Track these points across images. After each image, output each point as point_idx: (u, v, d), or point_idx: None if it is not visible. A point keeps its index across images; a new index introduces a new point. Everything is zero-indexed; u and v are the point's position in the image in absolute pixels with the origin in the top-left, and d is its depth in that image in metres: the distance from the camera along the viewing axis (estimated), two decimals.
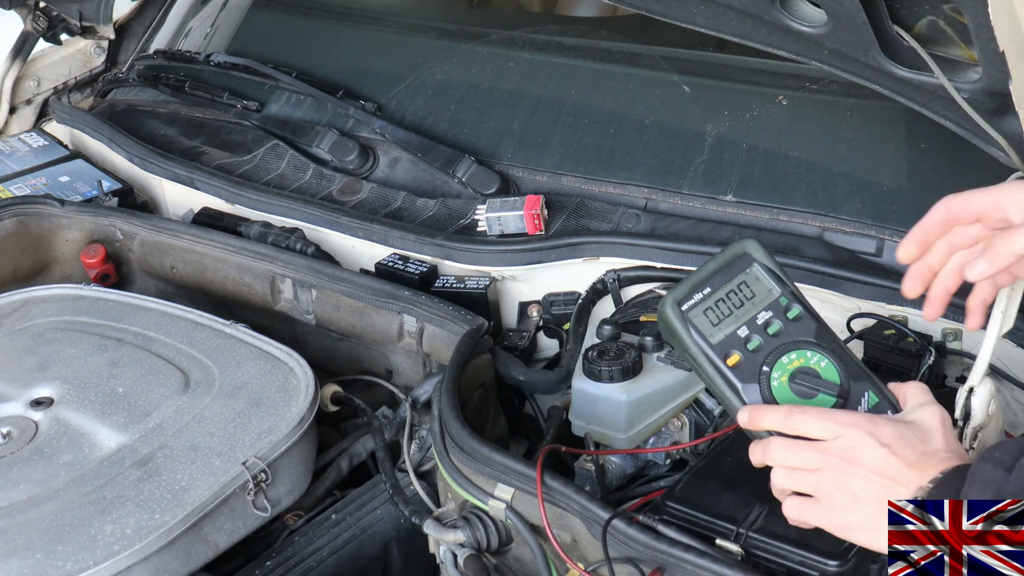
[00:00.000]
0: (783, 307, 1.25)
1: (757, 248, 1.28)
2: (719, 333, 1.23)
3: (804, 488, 1.14)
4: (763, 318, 1.24)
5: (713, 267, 1.26)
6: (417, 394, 1.71)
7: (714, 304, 1.24)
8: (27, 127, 2.58)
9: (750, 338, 1.23)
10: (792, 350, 1.23)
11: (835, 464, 1.11)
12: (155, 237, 2.07)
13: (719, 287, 1.25)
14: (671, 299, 1.24)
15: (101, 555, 1.34)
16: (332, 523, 1.57)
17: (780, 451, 1.15)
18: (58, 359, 1.70)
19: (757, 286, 1.26)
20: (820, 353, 1.23)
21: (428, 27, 2.44)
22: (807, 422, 1.15)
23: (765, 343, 1.23)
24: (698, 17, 1.46)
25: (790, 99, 1.91)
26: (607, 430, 1.48)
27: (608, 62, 2.15)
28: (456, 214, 1.96)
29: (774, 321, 1.24)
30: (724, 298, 1.24)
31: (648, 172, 1.91)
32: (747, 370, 1.22)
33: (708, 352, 1.22)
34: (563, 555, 1.32)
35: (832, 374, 1.22)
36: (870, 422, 1.13)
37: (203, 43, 2.60)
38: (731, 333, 1.23)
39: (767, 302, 1.25)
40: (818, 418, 1.15)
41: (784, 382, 1.22)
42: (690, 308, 1.24)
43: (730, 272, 1.26)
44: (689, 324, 1.23)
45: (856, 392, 1.21)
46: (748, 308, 1.25)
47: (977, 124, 1.33)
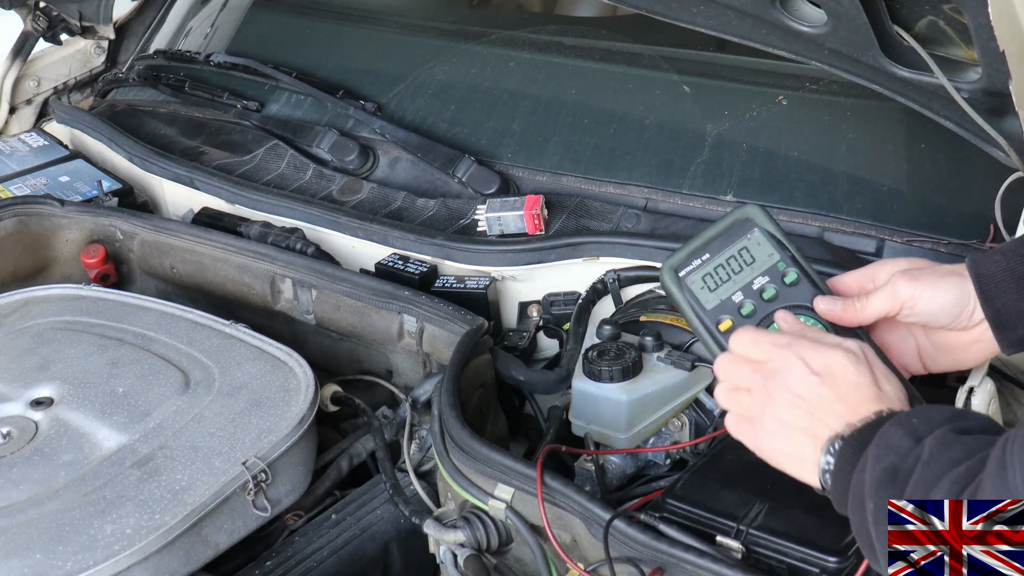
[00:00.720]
0: (780, 272, 1.24)
1: (759, 213, 1.27)
2: (715, 299, 1.23)
3: (738, 408, 1.12)
4: (759, 283, 1.24)
5: (713, 233, 1.26)
6: (417, 394, 1.71)
7: (712, 270, 1.24)
8: (27, 127, 2.58)
9: (743, 303, 1.23)
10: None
11: (764, 386, 1.09)
12: (155, 237, 2.07)
13: (718, 252, 1.25)
14: (668, 265, 1.24)
15: (101, 555, 1.34)
16: (332, 523, 1.57)
17: (721, 366, 1.15)
18: (58, 359, 1.70)
19: (757, 251, 1.25)
20: (814, 318, 1.22)
21: (428, 27, 2.44)
22: (744, 342, 1.14)
23: (759, 308, 1.23)
24: (698, 17, 1.46)
25: (790, 99, 1.91)
26: (607, 430, 1.48)
27: (608, 62, 2.15)
28: (456, 214, 1.96)
29: (769, 287, 1.23)
30: (724, 264, 1.24)
31: (648, 172, 1.91)
32: None
33: (703, 318, 1.23)
34: (563, 555, 1.32)
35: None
36: (802, 345, 1.10)
37: (203, 43, 2.60)
38: (726, 299, 1.23)
39: (765, 267, 1.24)
40: (755, 338, 1.13)
41: None
42: (687, 274, 1.24)
43: (730, 237, 1.25)
44: (685, 289, 1.23)
45: None
46: (746, 273, 1.24)
47: (977, 124, 1.33)
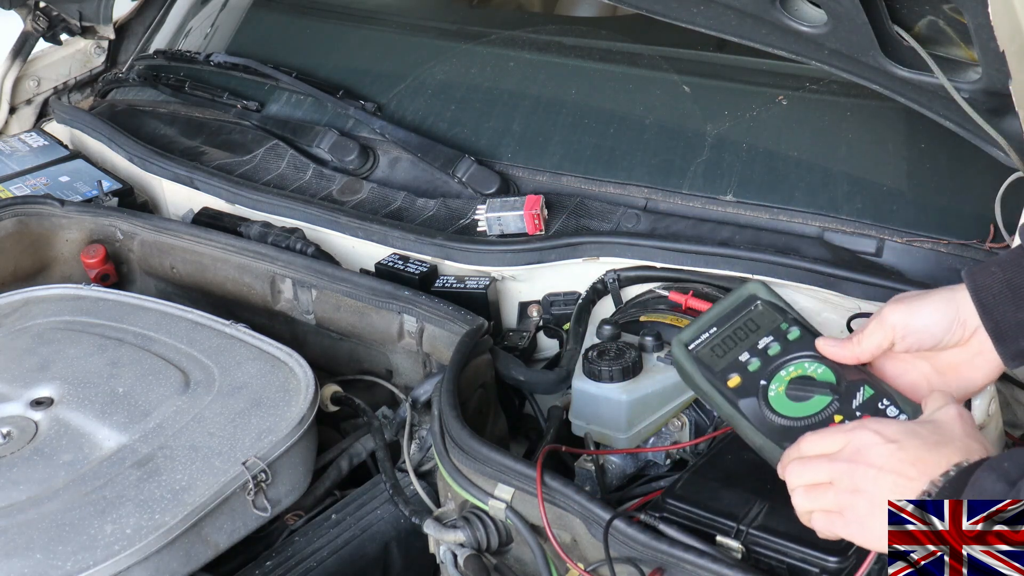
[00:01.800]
0: (784, 331, 1.30)
1: (761, 288, 1.35)
2: (723, 362, 1.28)
3: (824, 505, 1.11)
4: (764, 343, 1.29)
5: (719, 310, 1.33)
6: (417, 394, 1.71)
7: (720, 341, 1.30)
8: (27, 127, 2.58)
9: (750, 361, 1.28)
10: (791, 364, 1.27)
11: (845, 470, 1.08)
12: (155, 237, 2.07)
13: (724, 325, 1.31)
14: (678, 341, 1.31)
15: (101, 555, 1.34)
16: (332, 523, 1.57)
17: (794, 471, 1.13)
18: (58, 359, 1.70)
19: (761, 319, 1.32)
20: (818, 362, 1.26)
21: (428, 27, 2.44)
22: (814, 441, 1.13)
23: (764, 363, 1.27)
24: (698, 17, 1.46)
25: (790, 99, 1.91)
26: (607, 430, 1.48)
27: (608, 62, 2.14)
28: (456, 214, 1.96)
29: (774, 344, 1.29)
30: (731, 335, 1.30)
31: (648, 172, 1.91)
32: (747, 388, 1.26)
33: (712, 380, 1.27)
34: (563, 555, 1.32)
35: (828, 376, 1.25)
36: (877, 422, 1.10)
37: (203, 43, 2.60)
38: (733, 360, 1.28)
39: (769, 330, 1.30)
40: (822, 434, 1.13)
41: (781, 392, 1.24)
42: (697, 347, 1.30)
43: (736, 312, 1.33)
44: (696, 360, 1.29)
45: (852, 388, 1.23)
46: (752, 339, 1.30)
47: (977, 124, 1.33)
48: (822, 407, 1.22)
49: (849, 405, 1.22)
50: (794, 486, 1.13)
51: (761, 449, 1.24)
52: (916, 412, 1.19)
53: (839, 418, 1.20)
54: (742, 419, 1.24)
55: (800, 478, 1.13)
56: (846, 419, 1.20)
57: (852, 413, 1.21)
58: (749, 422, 1.24)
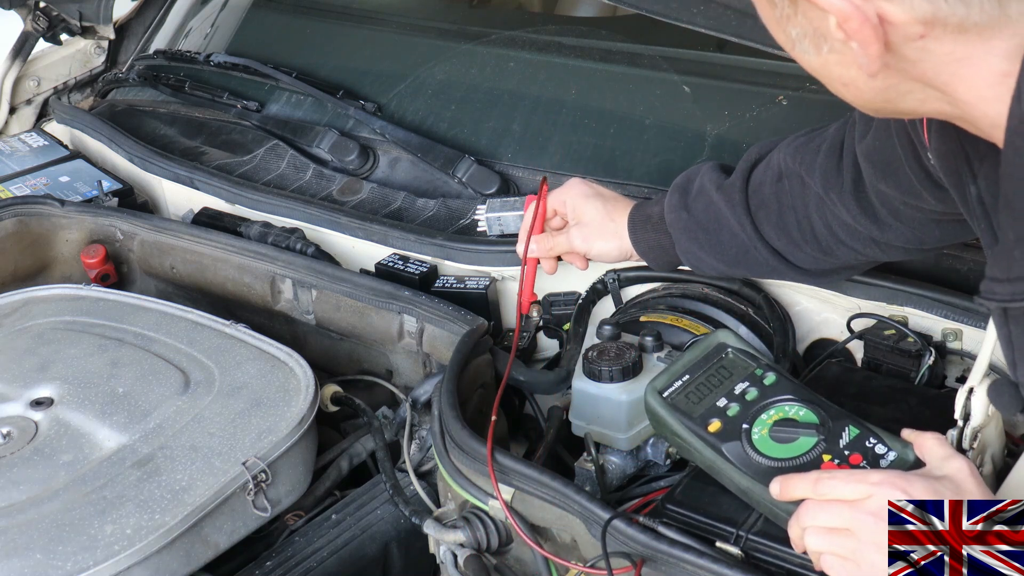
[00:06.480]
0: (759, 377, 1.31)
1: (730, 336, 1.37)
2: (700, 408, 1.29)
3: (840, 550, 1.10)
4: (740, 388, 1.30)
5: (689, 358, 1.35)
6: (417, 394, 1.71)
7: (695, 387, 1.31)
8: (27, 127, 2.58)
9: (729, 406, 1.29)
10: (771, 407, 1.28)
11: (869, 523, 1.08)
12: (155, 237, 2.07)
13: (697, 372, 1.33)
14: (651, 388, 1.32)
15: (101, 555, 1.34)
16: (332, 523, 1.57)
17: (813, 512, 1.13)
18: (58, 359, 1.70)
19: (734, 366, 1.33)
20: (798, 404, 1.27)
21: (428, 27, 2.44)
22: (836, 486, 1.12)
23: (744, 408, 1.28)
24: (698, 17, 1.46)
25: (790, 99, 1.91)
26: (607, 430, 1.48)
27: (608, 62, 2.14)
28: (456, 214, 1.96)
29: (751, 389, 1.30)
30: (704, 381, 1.32)
31: (648, 172, 1.91)
32: (728, 432, 1.27)
33: (690, 426, 1.28)
34: (533, 544, 1.32)
35: (810, 417, 1.26)
36: (902, 479, 1.10)
37: (203, 43, 2.60)
38: (711, 405, 1.29)
39: (743, 375, 1.32)
40: (848, 479, 1.12)
41: (765, 434, 1.25)
42: (671, 394, 1.31)
43: (707, 360, 1.34)
44: (671, 407, 1.30)
45: (837, 428, 1.24)
46: (727, 384, 1.31)
47: None
48: (809, 447, 1.22)
49: (836, 445, 1.22)
50: (807, 525, 1.13)
51: (747, 491, 1.24)
52: (905, 449, 1.20)
53: (828, 457, 1.21)
54: (725, 463, 1.25)
55: (816, 519, 1.12)
56: (835, 459, 1.21)
57: (841, 453, 1.22)
58: (734, 465, 1.24)
